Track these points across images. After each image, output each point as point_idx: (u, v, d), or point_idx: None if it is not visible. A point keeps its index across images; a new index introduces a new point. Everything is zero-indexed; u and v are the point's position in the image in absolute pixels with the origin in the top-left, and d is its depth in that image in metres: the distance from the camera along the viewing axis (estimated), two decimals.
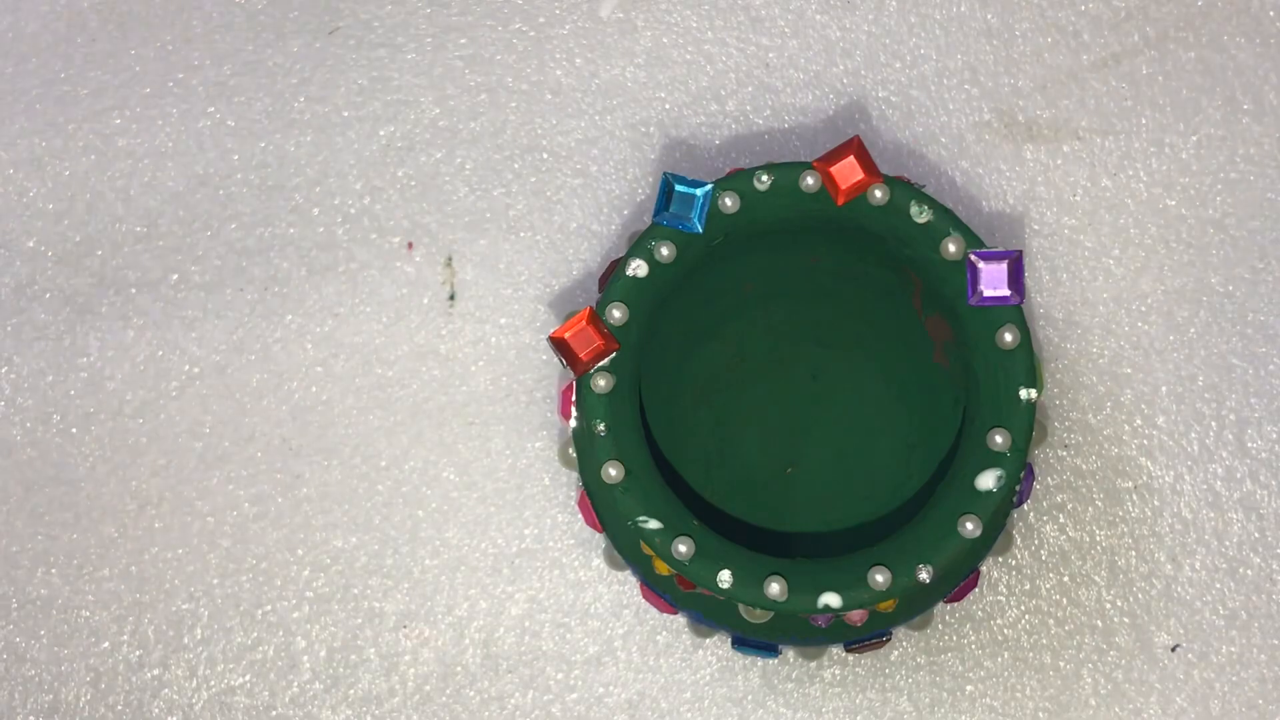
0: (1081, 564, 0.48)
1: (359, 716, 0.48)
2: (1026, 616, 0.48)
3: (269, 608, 0.48)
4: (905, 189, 0.42)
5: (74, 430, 0.49)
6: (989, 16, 0.49)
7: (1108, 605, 0.48)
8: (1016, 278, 0.41)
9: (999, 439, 0.41)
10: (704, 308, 0.46)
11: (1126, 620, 0.48)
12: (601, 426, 0.41)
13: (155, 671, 0.48)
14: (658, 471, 0.42)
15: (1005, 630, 0.48)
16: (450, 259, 0.49)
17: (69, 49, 0.50)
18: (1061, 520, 0.48)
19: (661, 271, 0.42)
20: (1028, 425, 0.41)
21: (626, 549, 0.44)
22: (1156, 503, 0.48)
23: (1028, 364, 0.41)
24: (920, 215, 0.42)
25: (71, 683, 0.48)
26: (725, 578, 0.41)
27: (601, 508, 0.43)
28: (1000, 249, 0.41)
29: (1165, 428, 0.48)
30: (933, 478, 0.45)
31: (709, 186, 0.42)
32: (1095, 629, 0.48)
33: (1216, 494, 0.48)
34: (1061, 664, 0.48)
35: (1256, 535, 0.48)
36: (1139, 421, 0.48)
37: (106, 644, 0.48)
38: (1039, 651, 0.48)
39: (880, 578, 0.40)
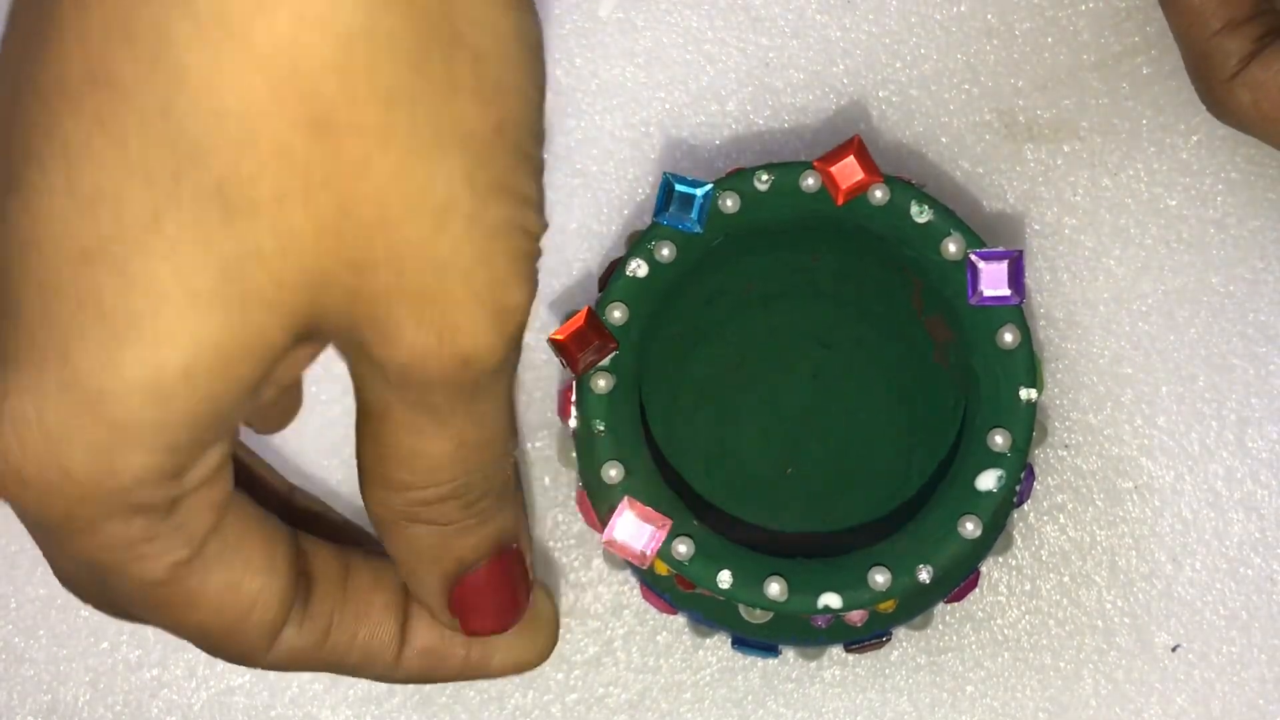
0: (1082, 564, 0.48)
1: (359, 717, 0.48)
2: (1027, 617, 0.48)
3: None
4: (906, 189, 0.42)
5: None
6: (989, 16, 0.49)
7: (1108, 605, 0.48)
8: (1017, 277, 0.41)
9: (999, 439, 0.41)
10: (704, 308, 0.46)
11: (1127, 620, 0.48)
12: (601, 426, 0.41)
13: (154, 671, 0.48)
14: (657, 471, 0.42)
15: (1005, 631, 0.48)
16: None
17: None
18: (1062, 520, 0.48)
19: (661, 271, 0.42)
20: (1028, 425, 0.41)
21: None
22: (1157, 503, 0.48)
23: (1028, 364, 0.41)
24: (920, 215, 0.42)
25: (70, 683, 0.48)
26: (725, 578, 0.40)
27: (601, 508, 0.43)
28: (1000, 249, 0.41)
29: (1166, 428, 0.48)
30: (933, 478, 0.45)
31: (709, 186, 0.42)
32: (1096, 629, 0.47)
33: (1217, 494, 0.48)
34: (1062, 664, 0.48)
35: (1257, 535, 0.48)
36: (1139, 421, 0.48)
37: (105, 644, 0.48)
38: (1039, 652, 0.48)
39: (880, 578, 0.40)
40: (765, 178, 0.42)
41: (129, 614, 0.34)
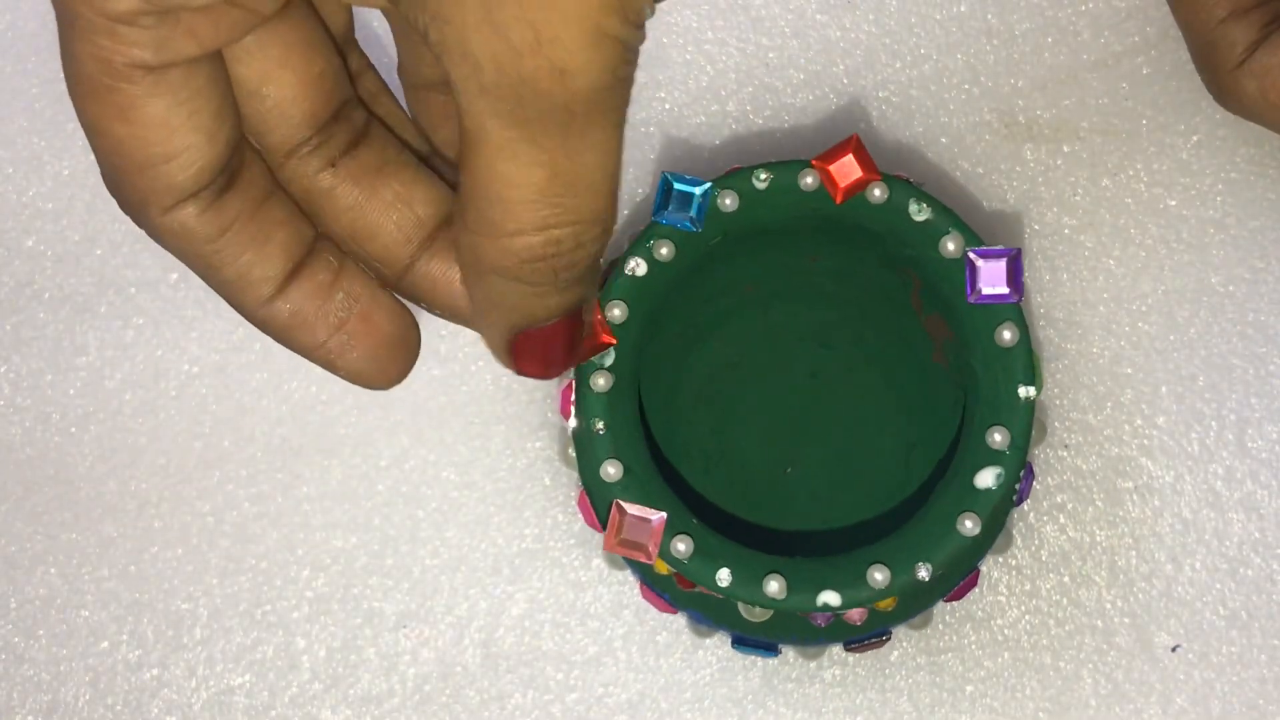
0: (1082, 564, 0.48)
1: (359, 716, 0.48)
2: (1027, 617, 0.48)
3: (268, 608, 0.48)
4: (904, 187, 0.42)
5: (73, 430, 0.49)
6: (989, 16, 0.49)
7: (1108, 605, 0.48)
8: (1015, 275, 0.41)
9: (998, 437, 0.41)
10: (703, 307, 0.46)
11: (1127, 620, 0.47)
12: (600, 425, 0.41)
13: (154, 671, 0.48)
14: (657, 470, 0.42)
15: (1005, 630, 0.48)
16: None
17: None
18: (1062, 520, 0.48)
19: (661, 270, 0.42)
20: (1027, 423, 0.41)
21: None
22: (1157, 503, 0.48)
23: (1026, 362, 0.41)
24: (919, 213, 0.42)
25: (70, 683, 0.48)
26: (724, 576, 0.40)
27: (601, 507, 0.43)
28: (999, 247, 0.41)
29: (1165, 428, 0.48)
30: (932, 476, 0.45)
31: (708, 185, 0.42)
32: (1095, 629, 0.47)
33: (1217, 494, 0.48)
34: (1062, 664, 0.47)
35: (1257, 535, 0.48)
36: (1139, 421, 0.48)
37: (105, 644, 0.48)
38: (1039, 652, 0.48)
39: (879, 576, 0.40)
40: (764, 176, 0.42)
41: (76, 87, 0.34)
